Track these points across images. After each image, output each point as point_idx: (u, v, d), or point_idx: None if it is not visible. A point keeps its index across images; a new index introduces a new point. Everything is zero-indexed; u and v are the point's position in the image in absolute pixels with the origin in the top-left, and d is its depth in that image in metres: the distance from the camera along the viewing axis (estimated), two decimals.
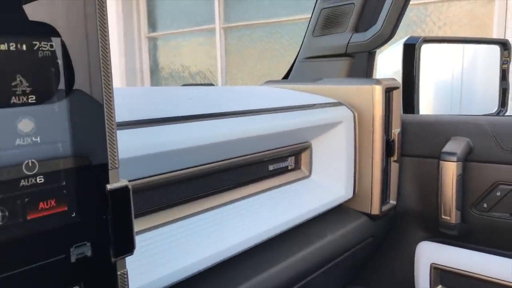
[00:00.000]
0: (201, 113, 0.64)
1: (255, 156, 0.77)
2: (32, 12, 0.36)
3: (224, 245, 0.65)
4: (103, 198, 0.41)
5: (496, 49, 1.40)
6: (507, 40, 1.41)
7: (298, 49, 1.25)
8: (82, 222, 0.39)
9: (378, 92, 0.92)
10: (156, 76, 5.38)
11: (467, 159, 0.96)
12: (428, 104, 1.39)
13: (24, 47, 0.35)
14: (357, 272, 1.15)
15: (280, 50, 3.94)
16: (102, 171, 0.41)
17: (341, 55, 1.15)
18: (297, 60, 1.26)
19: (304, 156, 0.91)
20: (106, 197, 0.41)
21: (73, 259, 0.39)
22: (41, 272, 0.37)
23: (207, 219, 0.68)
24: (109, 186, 0.41)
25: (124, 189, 0.42)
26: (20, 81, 0.35)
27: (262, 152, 0.79)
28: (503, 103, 1.41)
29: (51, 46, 0.37)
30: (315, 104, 0.89)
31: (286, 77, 1.29)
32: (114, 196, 0.41)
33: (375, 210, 0.96)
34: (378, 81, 0.93)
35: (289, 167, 0.89)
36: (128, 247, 0.43)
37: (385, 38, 1.06)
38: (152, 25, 4.82)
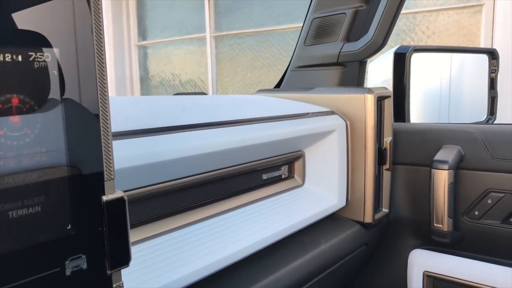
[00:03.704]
0: (196, 123, 0.63)
1: (249, 165, 0.77)
2: (27, 22, 0.35)
3: (220, 255, 0.64)
4: (99, 210, 0.40)
5: (484, 58, 1.43)
6: (495, 50, 1.43)
7: (290, 58, 1.26)
8: (77, 234, 0.39)
9: (370, 101, 0.93)
10: (146, 84, 5.35)
11: (458, 167, 0.97)
12: (417, 112, 1.40)
13: (19, 58, 0.35)
14: (350, 280, 1.15)
15: (270, 59, 3.96)
16: (97, 182, 0.40)
17: (332, 64, 1.16)
18: (288, 69, 1.26)
19: (297, 165, 0.91)
20: (101, 209, 0.40)
21: (68, 272, 0.38)
22: (35, 286, 0.36)
23: (201, 229, 0.68)
24: (104, 198, 0.40)
25: (120, 200, 0.42)
26: (16, 90, 0.35)
27: (256, 161, 0.79)
28: (492, 111, 1.42)
29: (47, 56, 0.37)
30: (308, 113, 0.89)
31: (278, 86, 1.30)
32: (110, 208, 0.41)
33: (368, 218, 0.96)
34: (370, 90, 0.93)
35: (283, 176, 0.89)
36: (124, 259, 0.42)
37: (377, 47, 1.07)
38: (142, 33, 4.82)
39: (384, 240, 1.10)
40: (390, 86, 1.28)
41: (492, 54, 1.41)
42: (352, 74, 1.16)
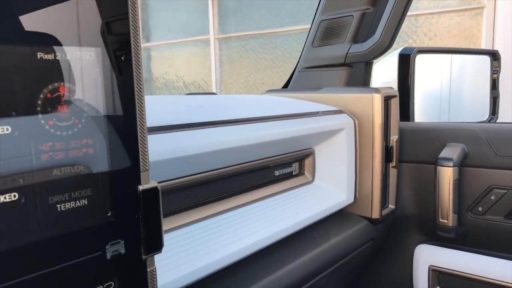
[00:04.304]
0: (215, 120, 0.67)
1: (263, 161, 0.80)
2: (75, 24, 0.39)
3: (237, 247, 0.67)
4: (135, 199, 0.43)
5: (486, 59, 1.46)
6: (496, 51, 1.46)
7: (293, 60, 1.29)
8: (116, 221, 0.42)
9: (377, 100, 0.96)
10: (149, 86, 5.39)
11: (462, 165, 1.00)
12: (420, 111, 1.43)
13: (67, 57, 0.38)
14: (358, 274, 1.18)
15: (273, 61, 3.99)
16: (134, 173, 0.43)
17: (340, 65, 1.19)
18: (296, 69, 1.30)
19: (307, 162, 0.95)
20: (138, 198, 0.43)
21: (108, 256, 0.41)
22: (80, 268, 0.39)
23: (219, 222, 0.71)
24: (140, 187, 0.43)
25: (154, 190, 0.45)
26: (63, 87, 0.38)
27: (269, 158, 0.82)
28: (493, 111, 1.46)
29: (91, 55, 0.40)
30: (318, 112, 0.93)
31: (285, 86, 1.33)
32: (145, 197, 0.44)
33: (375, 214, 1.00)
34: (377, 90, 0.97)
35: (294, 173, 0.92)
36: (157, 245, 0.45)
37: (383, 48, 1.10)
38: (146, 35, 4.86)
39: (390, 235, 1.13)
40: (394, 86, 1.31)
41: (494, 56, 1.45)
42: (358, 75, 1.20)
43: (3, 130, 0.35)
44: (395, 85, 1.32)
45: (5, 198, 0.35)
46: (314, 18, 1.23)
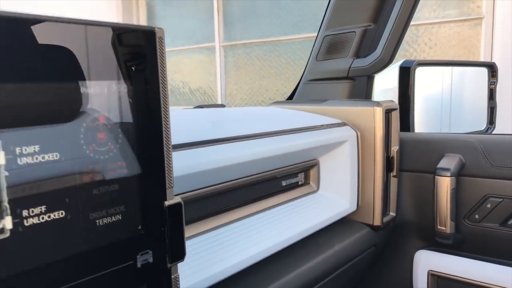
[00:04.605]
0: (227, 137, 0.72)
1: (271, 173, 0.86)
2: (112, 62, 0.45)
3: (248, 254, 0.72)
4: (162, 213, 0.49)
5: (484, 71, 1.51)
6: (494, 63, 1.52)
7: (296, 67, 1.35)
8: (145, 233, 0.47)
9: (378, 113, 1.01)
10: None
11: (459, 174, 1.05)
12: (421, 121, 1.48)
13: (106, 90, 0.44)
14: (360, 279, 1.23)
15: (278, 68, 4.05)
16: (161, 190, 0.49)
17: (342, 78, 1.25)
18: (301, 82, 1.35)
19: (312, 172, 1.00)
20: (164, 212, 0.49)
21: (138, 265, 0.47)
22: (115, 276, 0.45)
23: (231, 231, 0.76)
24: (166, 203, 0.49)
25: (178, 205, 0.50)
26: (102, 117, 0.44)
27: (277, 169, 0.87)
28: (491, 121, 1.51)
29: (125, 88, 0.46)
30: (322, 125, 0.98)
31: (290, 97, 1.39)
32: (170, 211, 0.49)
33: (377, 222, 1.05)
34: (378, 103, 1.02)
35: (299, 183, 0.98)
36: (180, 254, 0.51)
37: (384, 63, 1.16)
38: None
39: (391, 241, 1.18)
40: (393, 95, 1.36)
41: (491, 68, 1.50)
42: (360, 87, 1.25)
43: (53, 157, 0.40)
44: (395, 91, 1.38)
45: (54, 215, 0.41)
46: (318, 33, 1.29)
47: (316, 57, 1.30)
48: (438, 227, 1.05)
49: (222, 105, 1.42)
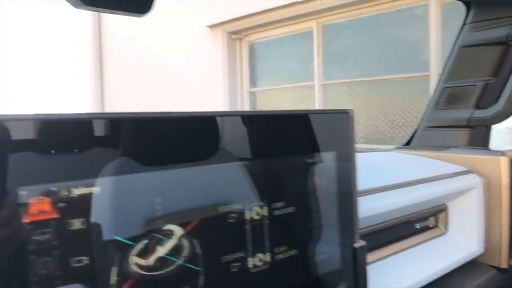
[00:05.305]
0: (381, 186, 0.87)
1: (409, 216, 0.98)
2: (328, 137, 0.62)
3: None
4: (352, 253, 0.65)
5: None
6: None
7: (397, 108, 1.45)
8: (342, 269, 0.64)
9: (504, 162, 1.10)
10: None
11: None
12: None
13: (317, 159, 0.61)
14: None
15: (377, 107, 4.09)
16: (352, 234, 0.65)
17: (462, 126, 1.34)
18: (419, 128, 1.46)
19: (441, 216, 1.10)
20: (354, 253, 0.65)
21: None
22: None
23: (374, 269, 0.89)
24: (355, 245, 0.65)
25: (363, 246, 0.66)
26: (317, 179, 0.61)
27: (412, 213, 1.00)
28: None
29: (332, 155, 0.63)
30: (450, 173, 1.09)
31: (408, 142, 1.50)
32: (357, 252, 0.65)
33: (504, 264, 1.11)
34: (503, 153, 1.10)
35: (430, 226, 1.08)
36: (364, 285, 0.66)
37: (506, 116, 1.24)
38: (253, 81, 5.30)
39: None
40: (505, 137, 1.42)
41: None
42: (479, 135, 1.33)
43: (292, 210, 0.58)
44: (507, 133, 1.43)
45: (291, 252, 0.58)
46: (437, 85, 1.40)
47: (436, 106, 1.41)
48: None
49: None
